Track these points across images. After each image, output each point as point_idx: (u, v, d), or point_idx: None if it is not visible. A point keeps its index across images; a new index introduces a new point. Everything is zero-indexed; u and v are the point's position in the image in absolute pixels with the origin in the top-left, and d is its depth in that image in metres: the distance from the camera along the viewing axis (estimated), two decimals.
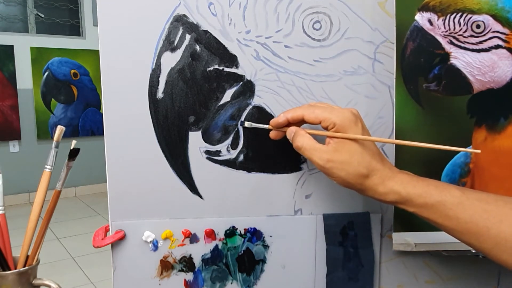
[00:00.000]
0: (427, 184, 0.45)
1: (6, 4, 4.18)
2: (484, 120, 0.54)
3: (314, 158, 0.46)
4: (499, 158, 0.54)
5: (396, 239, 0.57)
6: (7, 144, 4.16)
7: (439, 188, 0.45)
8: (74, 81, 4.40)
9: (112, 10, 0.51)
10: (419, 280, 0.60)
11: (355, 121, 0.46)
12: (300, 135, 0.48)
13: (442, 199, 0.44)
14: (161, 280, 0.56)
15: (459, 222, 0.43)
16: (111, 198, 0.54)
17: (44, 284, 0.56)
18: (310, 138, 0.47)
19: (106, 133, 0.53)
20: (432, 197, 0.44)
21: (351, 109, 0.47)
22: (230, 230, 0.56)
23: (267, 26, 0.53)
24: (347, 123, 0.45)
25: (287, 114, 0.49)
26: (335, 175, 0.46)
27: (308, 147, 0.47)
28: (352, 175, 0.45)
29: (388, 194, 0.45)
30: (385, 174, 0.46)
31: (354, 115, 0.46)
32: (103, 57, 0.52)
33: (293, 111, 0.49)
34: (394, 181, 0.45)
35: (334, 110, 0.47)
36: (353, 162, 0.45)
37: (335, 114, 0.46)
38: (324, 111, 0.47)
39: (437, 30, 0.52)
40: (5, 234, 0.56)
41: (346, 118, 0.46)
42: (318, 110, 0.47)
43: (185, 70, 0.53)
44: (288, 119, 0.49)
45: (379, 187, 0.45)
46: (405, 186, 0.45)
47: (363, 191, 0.46)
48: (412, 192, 0.45)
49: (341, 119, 0.46)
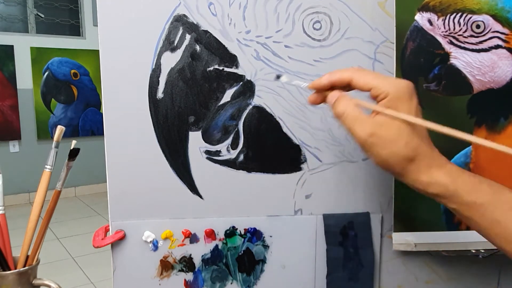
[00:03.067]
0: (479, 181, 0.40)
1: (6, 4, 4.18)
2: (484, 120, 0.54)
3: (356, 129, 0.40)
4: (499, 158, 0.54)
5: (396, 239, 0.57)
6: (7, 144, 4.16)
7: (493, 188, 0.39)
8: (74, 81, 4.40)
9: (112, 10, 0.51)
10: (419, 280, 0.60)
11: (410, 95, 0.40)
12: (344, 100, 0.41)
13: (494, 201, 0.39)
14: (161, 280, 0.56)
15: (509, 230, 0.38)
16: (111, 198, 0.54)
17: (44, 284, 0.56)
18: (354, 106, 0.41)
19: (106, 133, 0.53)
20: (483, 197, 0.39)
21: (406, 81, 0.41)
22: (230, 230, 0.56)
23: (267, 26, 0.53)
24: (401, 95, 0.39)
25: (332, 76, 0.42)
26: (375, 152, 0.40)
27: (351, 115, 0.40)
28: (396, 156, 0.39)
29: (431, 185, 0.40)
30: (433, 162, 0.40)
31: (410, 88, 0.40)
32: (103, 57, 0.52)
33: (340, 73, 0.42)
34: (443, 172, 0.40)
35: (388, 79, 0.41)
36: (399, 141, 0.39)
37: (389, 83, 0.40)
38: (377, 77, 0.41)
39: (437, 30, 0.52)
40: (5, 234, 0.56)
41: (401, 90, 0.39)
42: (369, 75, 0.41)
43: (185, 70, 0.53)
44: (332, 82, 0.43)
45: (422, 175, 0.40)
46: (454, 179, 0.39)
47: (402, 176, 0.41)
48: (461, 187, 0.39)
49: (396, 89, 0.39)
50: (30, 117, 4.23)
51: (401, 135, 0.39)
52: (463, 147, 0.54)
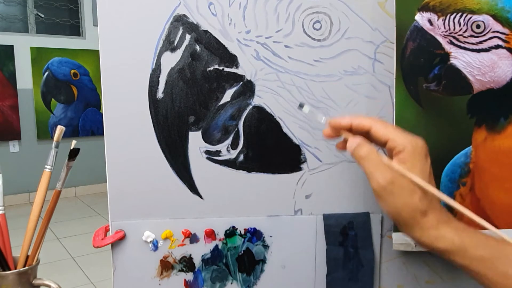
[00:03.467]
0: (485, 236, 0.40)
1: (6, 4, 4.18)
2: (484, 120, 0.54)
3: (377, 174, 0.40)
4: (499, 158, 0.54)
5: (396, 239, 0.57)
6: (7, 144, 4.16)
7: (500, 242, 0.40)
8: (74, 81, 4.40)
9: (112, 10, 0.51)
10: (419, 280, 0.60)
11: (425, 154, 0.41)
12: (367, 145, 0.42)
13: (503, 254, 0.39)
14: (161, 280, 0.56)
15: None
16: (111, 198, 0.54)
17: (44, 284, 0.56)
18: (376, 151, 0.41)
19: (106, 133, 0.53)
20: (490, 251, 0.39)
21: (422, 140, 0.42)
22: (230, 230, 0.56)
23: (267, 26, 0.53)
24: (417, 153, 0.40)
25: (354, 120, 0.43)
26: (390, 201, 0.40)
27: (374, 160, 0.41)
28: (410, 208, 0.40)
29: (439, 239, 0.40)
30: (441, 217, 0.41)
31: (426, 148, 0.41)
32: (103, 57, 0.52)
33: (362, 118, 0.43)
34: (450, 227, 0.40)
35: (406, 134, 0.41)
36: (416, 194, 0.40)
37: (407, 138, 0.41)
38: (396, 130, 0.42)
39: (437, 30, 0.52)
40: (5, 234, 0.56)
41: (418, 148, 0.40)
42: (389, 127, 0.42)
43: (185, 70, 0.53)
44: (352, 125, 0.43)
45: (431, 230, 0.40)
46: (460, 234, 0.40)
47: (411, 228, 0.41)
48: (467, 241, 0.40)
49: (413, 146, 0.40)
50: (30, 117, 4.23)
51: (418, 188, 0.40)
52: (463, 147, 0.54)
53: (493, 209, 0.55)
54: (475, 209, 0.55)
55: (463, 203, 0.55)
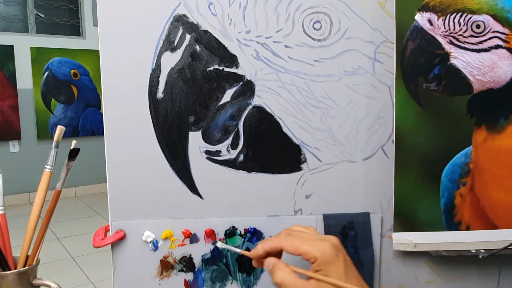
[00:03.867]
0: None
1: (6, 4, 4.18)
2: (484, 120, 0.54)
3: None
4: (499, 158, 0.54)
5: (396, 239, 0.57)
6: (7, 144, 4.16)
7: None
8: (74, 81, 4.40)
9: (112, 10, 0.51)
10: (419, 280, 0.60)
11: (336, 255, 0.44)
12: (279, 270, 0.44)
13: None
14: (161, 280, 0.56)
15: None
16: (111, 198, 0.54)
17: (44, 284, 0.56)
18: (291, 273, 0.44)
19: (106, 133, 0.53)
20: None
21: (331, 240, 0.45)
22: (230, 230, 0.56)
23: (267, 26, 0.53)
24: (328, 259, 0.43)
25: (265, 246, 0.46)
26: None
27: (289, 283, 0.43)
28: None
29: None
30: None
31: (335, 248, 0.44)
32: (103, 57, 0.52)
33: (271, 242, 0.46)
34: None
35: (315, 243, 0.44)
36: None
37: (315, 248, 0.43)
38: (304, 243, 0.44)
39: (437, 30, 0.52)
40: (5, 234, 0.56)
41: (327, 253, 0.43)
42: (297, 241, 0.45)
43: (185, 70, 0.53)
44: (266, 251, 0.46)
45: None
46: None
47: None
48: None
49: (322, 254, 0.43)
50: (30, 117, 4.23)
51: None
52: (463, 147, 0.54)
53: (493, 209, 0.55)
54: (475, 209, 0.55)
55: (463, 203, 0.55)
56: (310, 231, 0.48)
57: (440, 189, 0.55)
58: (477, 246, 0.56)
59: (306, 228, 0.48)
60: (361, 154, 0.57)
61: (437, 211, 0.56)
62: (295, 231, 0.48)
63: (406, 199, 0.55)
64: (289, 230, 0.48)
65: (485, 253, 0.55)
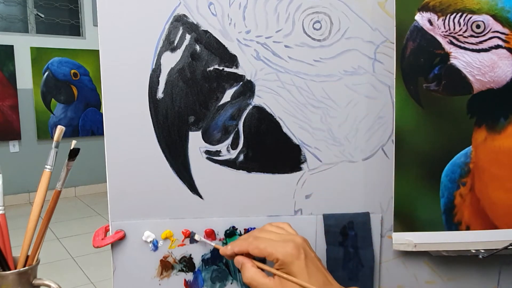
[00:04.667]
0: None
1: (6, 4, 4.18)
2: (484, 120, 0.54)
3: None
4: (499, 158, 0.54)
5: (396, 239, 0.57)
6: (7, 144, 4.16)
7: None
8: (74, 81, 4.40)
9: (112, 10, 0.51)
10: (419, 280, 0.60)
11: (297, 256, 0.46)
12: (247, 269, 0.48)
13: None
14: (161, 280, 0.56)
15: None
16: (111, 198, 0.54)
17: (44, 284, 0.56)
18: (257, 272, 0.48)
19: (106, 133, 0.53)
20: None
21: (295, 240, 0.48)
22: (230, 230, 0.56)
23: (267, 26, 0.53)
24: (289, 259, 0.46)
25: (234, 247, 0.50)
26: None
27: (255, 282, 0.47)
28: None
29: None
30: None
31: (297, 247, 0.47)
32: (103, 57, 0.52)
33: (239, 245, 0.49)
34: None
35: (277, 244, 0.47)
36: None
37: (278, 250, 0.47)
38: (268, 245, 0.47)
39: (437, 30, 0.52)
40: (5, 234, 0.56)
41: (288, 254, 0.46)
42: (262, 244, 0.48)
43: (185, 70, 0.53)
44: (235, 252, 0.50)
45: None
46: None
47: None
48: None
49: (283, 254, 0.46)
50: (30, 117, 4.23)
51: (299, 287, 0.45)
52: (463, 147, 0.54)
53: (493, 209, 0.55)
54: (475, 209, 0.55)
55: (463, 203, 0.55)
56: (280, 230, 0.51)
57: (440, 189, 0.55)
58: (477, 246, 0.56)
59: (279, 227, 0.51)
60: (361, 154, 0.57)
61: (437, 211, 0.56)
62: (264, 232, 0.50)
63: (406, 199, 0.55)
64: (259, 231, 0.51)
65: (485, 253, 0.55)
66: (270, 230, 0.51)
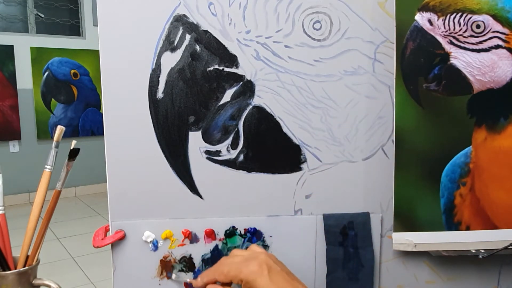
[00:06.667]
0: None
1: (6, 4, 4.18)
2: (484, 120, 0.54)
3: None
4: (499, 158, 0.54)
5: (396, 239, 0.57)
6: (7, 144, 4.16)
7: None
8: (74, 81, 4.40)
9: (112, 10, 0.51)
10: (419, 280, 0.60)
11: (260, 272, 0.47)
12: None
13: None
14: (161, 280, 0.56)
15: None
16: (111, 198, 0.54)
17: (44, 284, 0.56)
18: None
19: (106, 133, 0.53)
20: None
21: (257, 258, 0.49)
22: (230, 230, 0.56)
23: (267, 26, 0.53)
24: (252, 277, 0.47)
25: (203, 278, 0.51)
26: None
27: None
28: None
29: None
30: None
31: (258, 265, 0.48)
32: (103, 57, 0.52)
33: (207, 275, 0.51)
34: None
35: (240, 265, 0.48)
36: None
37: (240, 270, 0.48)
38: (230, 269, 0.49)
39: (437, 30, 0.52)
40: (5, 234, 0.56)
41: (250, 272, 0.47)
42: (225, 269, 0.49)
43: (185, 70, 0.53)
44: (205, 283, 0.51)
45: None
46: None
47: None
48: None
49: (245, 274, 0.47)
50: (30, 117, 4.23)
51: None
52: (463, 147, 0.54)
53: (493, 209, 0.55)
54: (475, 209, 0.55)
55: (463, 203, 0.55)
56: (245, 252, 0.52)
57: (440, 189, 0.55)
58: (477, 246, 0.56)
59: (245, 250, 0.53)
60: (361, 154, 0.57)
61: (437, 211, 0.56)
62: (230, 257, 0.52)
63: (406, 199, 0.55)
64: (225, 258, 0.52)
65: (485, 253, 0.55)
66: (236, 254, 0.52)
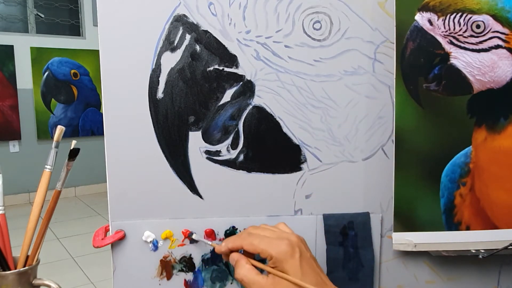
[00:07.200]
0: None
1: (6, 4, 4.18)
2: (484, 120, 0.54)
3: None
4: (499, 158, 0.54)
5: (396, 239, 0.57)
6: (7, 144, 4.16)
7: None
8: (74, 81, 4.40)
9: (112, 10, 0.51)
10: (419, 280, 0.60)
11: (291, 254, 0.46)
12: (240, 266, 0.48)
13: None
14: (161, 280, 0.56)
15: None
16: (111, 198, 0.54)
17: (44, 284, 0.56)
18: (250, 269, 0.47)
19: (106, 133, 0.53)
20: None
21: (290, 238, 0.47)
22: (230, 230, 0.56)
23: (267, 26, 0.53)
24: (282, 257, 0.46)
25: (228, 244, 0.50)
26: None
27: (247, 279, 0.47)
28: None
29: None
30: None
31: (291, 245, 0.46)
32: (103, 57, 0.52)
33: (233, 241, 0.49)
34: None
35: (272, 242, 0.47)
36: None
37: (272, 247, 0.46)
38: (261, 241, 0.47)
39: (437, 30, 0.52)
40: (5, 234, 0.56)
41: (282, 252, 0.46)
42: (256, 240, 0.47)
43: (185, 70, 0.53)
44: (229, 249, 0.50)
45: None
46: None
47: None
48: None
49: (277, 252, 0.46)
50: (30, 117, 4.23)
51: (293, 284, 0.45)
52: (463, 147, 0.54)
53: (493, 209, 0.55)
54: (475, 209, 0.55)
55: (463, 203, 0.55)
56: (275, 229, 0.50)
57: (440, 189, 0.55)
58: (477, 246, 0.56)
59: (275, 226, 0.51)
60: (361, 154, 0.57)
61: (437, 211, 0.56)
62: (259, 229, 0.50)
63: (406, 199, 0.55)
64: (254, 228, 0.50)
65: (485, 253, 0.55)
66: (266, 228, 0.50)
